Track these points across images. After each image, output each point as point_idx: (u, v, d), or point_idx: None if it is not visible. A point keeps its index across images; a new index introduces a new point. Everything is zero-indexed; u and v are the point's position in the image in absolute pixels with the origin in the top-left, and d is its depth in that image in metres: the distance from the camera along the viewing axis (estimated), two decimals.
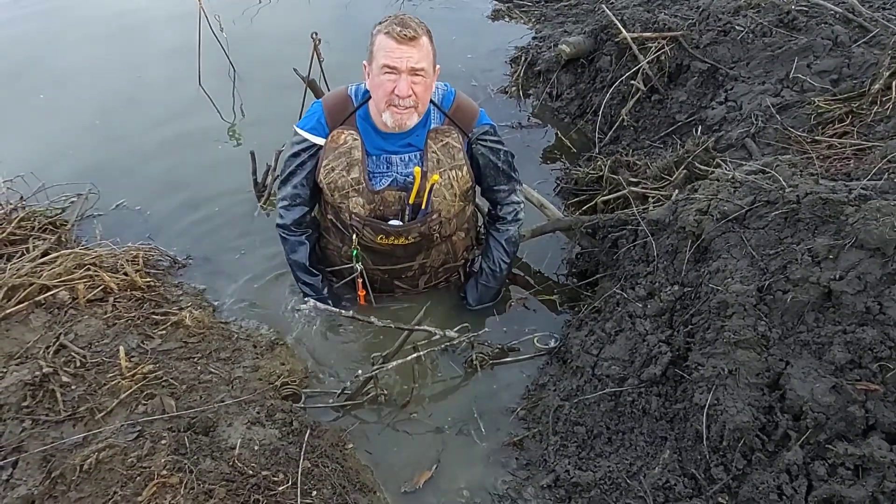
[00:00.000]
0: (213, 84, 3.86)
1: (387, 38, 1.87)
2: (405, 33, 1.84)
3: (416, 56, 1.88)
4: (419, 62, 1.89)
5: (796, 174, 2.03)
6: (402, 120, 1.98)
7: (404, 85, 1.90)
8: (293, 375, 2.14)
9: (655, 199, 2.51)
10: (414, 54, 1.88)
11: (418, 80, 1.92)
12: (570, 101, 3.68)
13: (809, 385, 1.56)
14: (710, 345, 1.76)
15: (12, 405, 1.81)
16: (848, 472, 1.45)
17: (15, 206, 2.70)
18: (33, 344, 2.03)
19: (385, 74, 1.90)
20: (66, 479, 1.62)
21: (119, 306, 2.24)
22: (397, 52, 1.86)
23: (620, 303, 2.11)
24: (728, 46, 3.11)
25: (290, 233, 2.26)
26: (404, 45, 1.86)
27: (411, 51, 1.87)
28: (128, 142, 3.42)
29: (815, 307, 1.65)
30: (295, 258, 2.30)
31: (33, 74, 3.97)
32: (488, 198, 2.35)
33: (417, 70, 1.89)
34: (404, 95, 1.92)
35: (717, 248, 1.91)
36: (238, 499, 1.58)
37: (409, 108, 1.96)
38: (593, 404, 1.93)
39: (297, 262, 2.30)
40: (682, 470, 1.70)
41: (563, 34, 4.02)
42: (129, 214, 2.96)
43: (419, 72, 1.90)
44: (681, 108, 3.15)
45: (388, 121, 1.99)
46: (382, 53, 1.88)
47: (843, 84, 2.63)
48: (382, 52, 1.88)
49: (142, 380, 1.93)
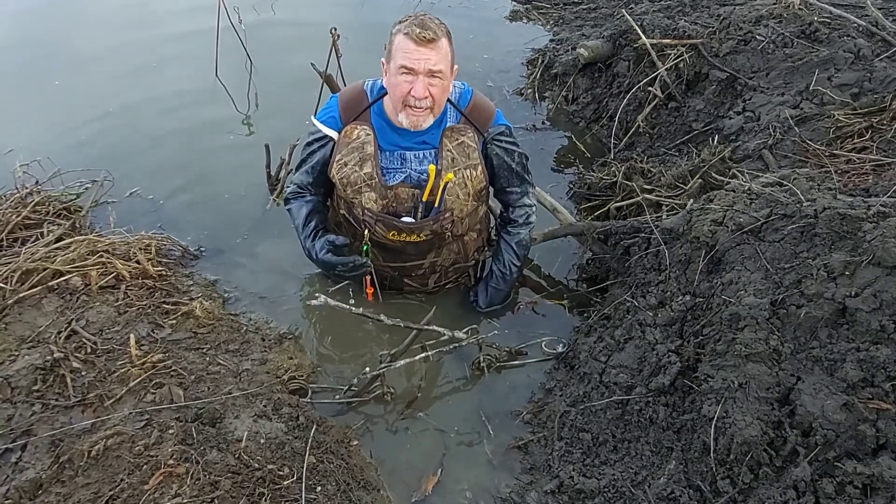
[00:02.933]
0: (230, 76, 3.87)
1: (406, 39, 1.86)
2: (424, 35, 1.84)
3: (435, 58, 1.88)
4: (437, 64, 1.88)
5: (814, 188, 2.02)
6: (418, 121, 1.99)
7: (420, 87, 1.90)
8: (300, 370, 2.15)
9: (669, 208, 2.50)
10: (432, 56, 1.87)
11: (435, 83, 1.92)
12: (585, 105, 3.67)
13: (820, 401, 1.55)
14: (720, 357, 1.75)
15: (23, 388, 1.82)
16: (856, 490, 1.44)
17: (31, 190, 2.72)
18: (45, 328, 2.04)
19: (402, 75, 1.90)
20: (73, 465, 1.63)
21: (130, 294, 2.25)
22: (415, 53, 1.86)
23: (630, 310, 2.10)
24: (748, 56, 3.09)
25: (293, 197, 2.27)
26: (423, 47, 1.85)
27: (430, 53, 1.86)
28: (143, 130, 3.44)
29: (829, 323, 1.64)
30: (298, 223, 2.23)
31: (50, 61, 3.99)
32: (501, 199, 2.34)
33: (435, 72, 1.89)
34: (420, 97, 1.92)
35: (731, 259, 1.90)
36: (243, 491, 1.59)
37: (426, 110, 1.97)
38: (600, 411, 1.93)
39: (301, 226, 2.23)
40: (688, 481, 1.70)
41: (581, 38, 4.00)
42: (143, 203, 2.98)
43: (437, 74, 1.90)
44: (698, 117, 3.13)
45: (403, 121, 2.00)
46: (401, 54, 1.88)
47: (863, 98, 2.61)
48: (401, 52, 1.88)
49: (151, 368, 1.94)
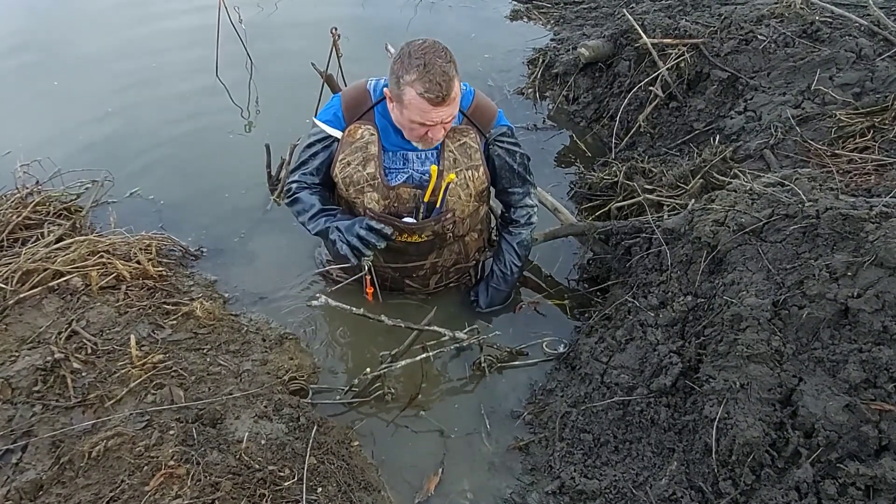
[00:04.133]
0: (230, 75, 3.87)
1: (420, 100, 1.81)
2: (441, 95, 1.79)
3: (449, 111, 1.87)
4: (451, 114, 1.89)
5: (815, 188, 2.01)
6: (431, 146, 2.04)
7: (439, 133, 1.93)
8: (301, 370, 2.15)
9: (670, 208, 2.50)
10: (448, 111, 1.86)
11: (448, 121, 1.93)
12: (586, 104, 3.66)
13: (822, 402, 1.54)
14: (722, 357, 1.75)
15: (23, 389, 1.82)
16: (859, 492, 1.44)
17: (31, 190, 2.71)
18: (46, 329, 2.04)
19: (418, 125, 1.90)
20: (74, 466, 1.63)
21: (131, 294, 2.25)
22: (432, 113, 1.84)
23: (632, 311, 2.10)
24: (749, 56, 3.08)
25: (299, 189, 2.19)
26: (439, 107, 1.83)
27: (445, 109, 1.85)
28: (143, 130, 3.43)
29: (831, 324, 1.64)
30: (300, 207, 2.18)
31: (50, 61, 3.99)
32: (502, 200, 2.34)
33: (448, 119, 1.91)
34: (438, 139, 1.97)
35: (733, 260, 1.90)
36: (244, 492, 1.59)
37: (438, 139, 2.00)
38: (601, 412, 1.92)
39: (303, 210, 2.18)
40: (690, 483, 1.69)
41: (581, 37, 3.99)
42: (143, 203, 2.97)
43: (450, 117, 1.91)
44: (699, 117, 3.12)
45: (418, 146, 2.04)
46: (416, 112, 1.85)
47: (865, 98, 2.60)
48: (416, 110, 1.84)
49: (151, 369, 1.94)
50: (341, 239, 2.03)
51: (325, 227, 2.10)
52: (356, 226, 2.01)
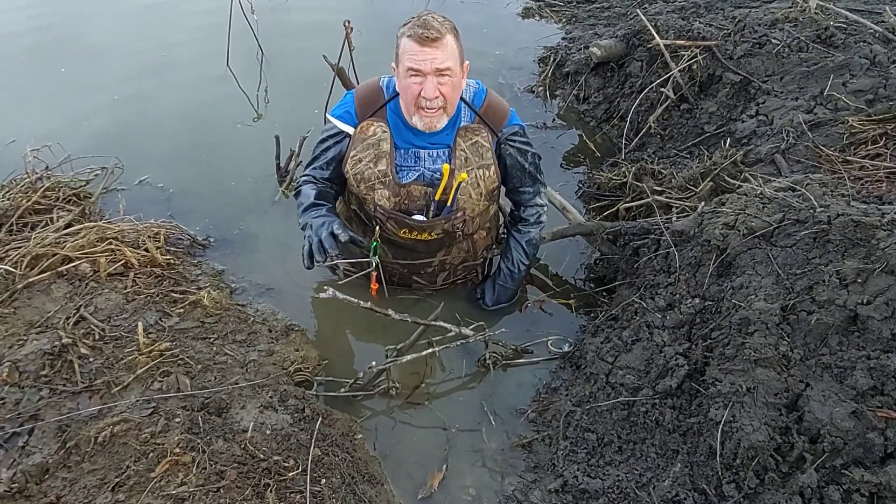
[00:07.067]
0: (241, 66, 3.87)
1: (410, 41, 1.85)
2: (428, 34, 1.82)
3: (441, 56, 1.86)
4: (444, 62, 1.87)
5: (827, 194, 2.00)
6: (432, 122, 1.98)
7: (430, 87, 1.89)
8: (307, 362, 2.15)
9: (679, 210, 2.49)
10: (438, 55, 1.86)
11: (445, 81, 1.90)
12: (597, 104, 3.65)
13: (829, 408, 1.54)
14: (729, 361, 1.74)
15: (31, 373, 1.83)
16: (863, 499, 1.44)
17: (41, 175, 2.72)
18: (54, 314, 2.05)
19: (411, 77, 1.89)
20: (80, 450, 1.64)
21: (139, 282, 2.26)
22: (420, 54, 1.84)
23: (639, 312, 2.09)
24: (762, 59, 3.07)
25: (304, 183, 2.18)
26: (427, 47, 1.84)
27: (435, 52, 1.85)
28: (152, 119, 3.44)
29: (840, 330, 1.63)
30: (299, 199, 2.16)
31: (60, 49, 4.01)
32: (512, 199, 2.33)
33: (443, 70, 1.88)
34: (431, 97, 1.91)
35: (742, 263, 1.89)
36: (249, 482, 1.60)
37: (438, 110, 1.96)
38: (605, 412, 1.92)
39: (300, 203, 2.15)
40: (693, 485, 1.69)
41: (593, 36, 3.99)
42: (152, 191, 2.98)
43: (445, 72, 1.88)
44: (710, 119, 3.11)
45: (417, 123, 1.99)
46: (407, 56, 1.87)
47: (878, 105, 2.58)
48: (407, 55, 1.87)
49: (158, 357, 1.95)
50: (308, 236, 2.02)
51: (304, 221, 2.08)
52: (323, 227, 1.98)
